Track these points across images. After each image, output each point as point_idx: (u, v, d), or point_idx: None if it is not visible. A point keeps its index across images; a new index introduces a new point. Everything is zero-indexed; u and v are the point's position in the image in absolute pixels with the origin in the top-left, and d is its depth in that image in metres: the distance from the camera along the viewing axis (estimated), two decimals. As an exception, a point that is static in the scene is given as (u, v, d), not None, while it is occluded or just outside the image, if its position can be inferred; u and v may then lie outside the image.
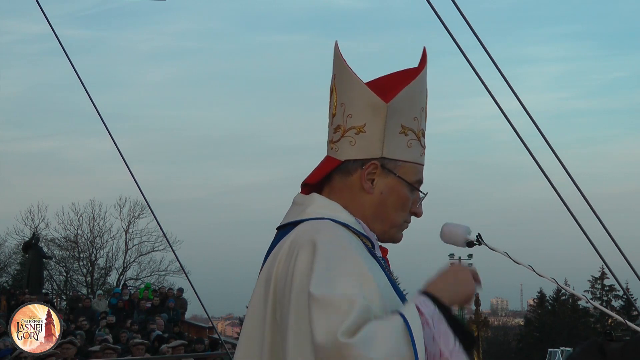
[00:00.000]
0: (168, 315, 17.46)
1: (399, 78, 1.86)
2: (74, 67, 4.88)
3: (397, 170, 1.82)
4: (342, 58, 1.85)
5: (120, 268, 33.29)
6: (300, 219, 1.78)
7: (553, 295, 48.00)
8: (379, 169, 1.81)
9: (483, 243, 1.94)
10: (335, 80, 1.87)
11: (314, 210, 1.79)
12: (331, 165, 1.84)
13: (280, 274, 1.70)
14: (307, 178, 1.88)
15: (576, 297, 2.20)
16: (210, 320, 6.49)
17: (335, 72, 1.88)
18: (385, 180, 1.81)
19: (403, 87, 1.82)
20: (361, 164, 1.81)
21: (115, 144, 4.85)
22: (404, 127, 1.83)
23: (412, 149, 1.85)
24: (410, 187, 1.84)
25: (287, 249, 1.71)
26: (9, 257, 32.62)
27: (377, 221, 1.82)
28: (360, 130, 1.81)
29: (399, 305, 1.68)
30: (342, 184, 1.83)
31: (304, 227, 1.74)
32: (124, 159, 4.83)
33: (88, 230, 33.06)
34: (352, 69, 1.86)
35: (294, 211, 1.83)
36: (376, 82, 1.85)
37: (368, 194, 1.81)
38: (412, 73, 1.87)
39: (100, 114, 4.88)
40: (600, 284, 46.77)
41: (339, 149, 1.84)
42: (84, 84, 4.87)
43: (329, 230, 1.71)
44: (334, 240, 1.67)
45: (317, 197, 1.82)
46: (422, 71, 1.86)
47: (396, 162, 1.82)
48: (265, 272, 1.76)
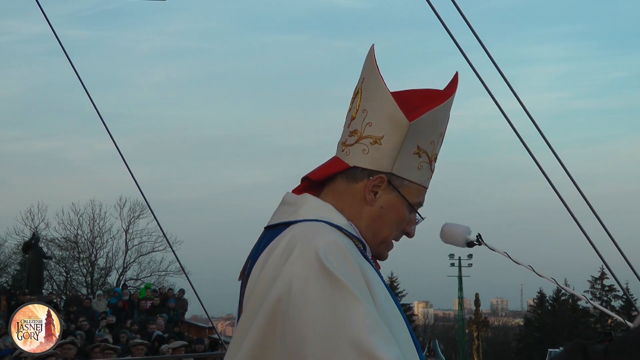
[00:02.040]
0: (168, 316, 17.47)
1: (425, 97, 1.84)
2: (74, 67, 4.89)
3: (402, 189, 1.81)
4: (376, 64, 1.82)
5: (120, 268, 33.35)
6: (293, 219, 1.75)
7: (553, 295, 47.99)
8: (384, 183, 1.79)
9: (483, 243, 1.95)
10: (363, 84, 1.85)
11: (307, 211, 1.76)
12: (339, 167, 1.82)
13: (268, 275, 1.66)
14: (310, 173, 1.85)
15: (576, 297, 2.20)
16: (210, 320, 6.49)
17: (365, 75, 1.85)
18: (388, 195, 1.80)
19: (429, 108, 1.80)
20: (368, 175, 1.79)
21: (115, 144, 4.85)
22: (420, 148, 1.82)
23: (422, 171, 1.84)
24: (410, 208, 1.84)
25: (282, 251, 1.67)
26: (9, 257, 32.68)
27: (370, 234, 1.81)
28: (376, 141, 1.79)
29: (398, 317, 1.69)
30: (345, 188, 1.81)
31: (300, 229, 1.71)
32: (124, 159, 4.83)
33: (88, 230, 33.13)
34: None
35: (285, 211, 1.80)
36: (401, 95, 1.83)
37: (369, 205, 1.79)
38: (440, 96, 1.85)
39: (100, 114, 4.89)
40: (600, 284, 46.75)
41: (350, 153, 1.82)
42: (84, 84, 4.88)
43: (327, 235, 1.67)
44: (335, 251, 1.63)
45: (309, 198, 1.80)
46: (450, 97, 1.85)
47: (403, 180, 1.81)
48: (256, 273, 1.72)
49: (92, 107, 4.89)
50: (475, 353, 35.54)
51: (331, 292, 1.56)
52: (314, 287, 1.56)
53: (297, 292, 1.57)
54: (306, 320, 1.54)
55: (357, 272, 1.62)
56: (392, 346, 1.53)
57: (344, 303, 1.54)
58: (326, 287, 1.56)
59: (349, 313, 1.53)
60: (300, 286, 1.57)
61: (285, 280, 1.60)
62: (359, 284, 1.60)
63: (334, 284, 1.56)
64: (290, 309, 1.57)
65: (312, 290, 1.56)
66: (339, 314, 1.53)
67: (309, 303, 1.55)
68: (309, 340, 1.53)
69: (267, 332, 1.60)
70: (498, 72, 3.65)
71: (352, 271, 1.61)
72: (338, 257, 1.62)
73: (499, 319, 71.09)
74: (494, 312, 77.97)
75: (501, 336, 54.08)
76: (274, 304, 1.60)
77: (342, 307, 1.54)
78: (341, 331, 1.51)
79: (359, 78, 1.89)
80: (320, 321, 1.53)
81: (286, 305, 1.58)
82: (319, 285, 1.57)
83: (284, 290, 1.59)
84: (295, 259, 1.62)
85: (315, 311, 1.54)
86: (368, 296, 1.60)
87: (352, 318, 1.53)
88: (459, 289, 44.40)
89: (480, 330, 36.61)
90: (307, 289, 1.57)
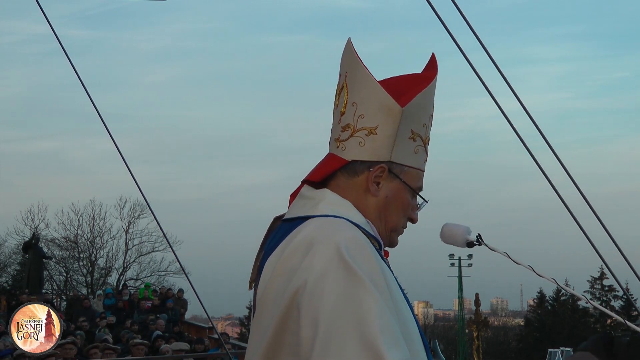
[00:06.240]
0: (168, 316, 17.46)
1: (410, 82, 1.84)
2: (74, 68, 4.88)
3: (402, 176, 1.81)
4: (357, 56, 1.82)
5: (120, 268, 33.35)
6: (312, 214, 1.74)
7: (553, 295, 48.05)
8: (385, 172, 1.79)
9: (483, 243, 1.94)
10: (347, 78, 1.84)
11: (327, 206, 1.75)
12: (337, 163, 1.81)
13: (286, 268, 1.64)
14: (310, 175, 1.84)
15: (576, 297, 2.20)
16: (210, 320, 6.48)
17: (348, 69, 1.84)
18: (390, 184, 1.80)
19: (417, 92, 1.80)
20: (368, 166, 1.79)
21: (115, 144, 4.84)
22: (414, 132, 1.82)
23: (418, 155, 1.84)
24: (412, 193, 1.84)
25: (301, 244, 1.65)
26: (9, 257, 32.68)
27: (382, 224, 1.81)
28: (371, 131, 1.79)
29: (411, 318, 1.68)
30: (347, 184, 1.80)
31: (320, 223, 1.69)
32: (124, 159, 4.83)
33: (88, 230, 33.13)
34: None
35: (303, 205, 1.79)
36: (387, 83, 1.82)
37: (373, 196, 1.79)
38: (424, 78, 1.85)
39: (100, 114, 4.88)
40: (600, 284, 46.78)
41: (346, 148, 1.81)
42: (84, 85, 4.87)
43: (348, 230, 1.66)
44: (357, 247, 1.62)
45: (329, 194, 1.78)
46: (435, 77, 1.85)
47: (402, 167, 1.81)
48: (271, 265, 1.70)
49: (93, 107, 4.88)
50: (475, 353, 35.52)
51: (349, 286, 1.55)
52: (332, 280, 1.56)
53: (315, 283, 1.56)
54: (321, 309, 1.54)
55: (377, 270, 1.62)
56: (401, 349, 1.52)
57: (360, 298, 1.54)
58: (344, 281, 1.55)
59: (363, 309, 1.53)
60: (319, 278, 1.56)
61: (304, 273, 1.58)
62: (378, 282, 1.59)
63: (353, 278, 1.56)
64: (306, 297, 1.56)
65: (330, 282, 1.56)
66: (354, 308, 1.53)
67: (325, 293, 1.55)
68: (320, 324, 1.52)
69: (283, 322, 1.60)
70: (498, 72, 3.65)
71: (372, 268, 1.61)
72: (359, 252, 1.61)
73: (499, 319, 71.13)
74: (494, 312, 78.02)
75: (501, 336, 54.08)
76: (292, 296, 1.59)
77: (357, 302, 1.54)
78: (353, 325, 1.51)
79: (339, 73, 1.88)
80: (334, 311, 1.53)
81: (302, 296, 1.57)
82: (337, 278, 1.56)
83: (302, 283, 1.58)
84: (315, 253, 1.60)
85: (331, 301, 1.54)
86: (386, 295, 1.60)
87: (365, 314, 1.52)
88: (459, 289, 44.43)
89: (480, 330, 36.59)
90: (326, 280, 1.56)
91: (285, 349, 1.61)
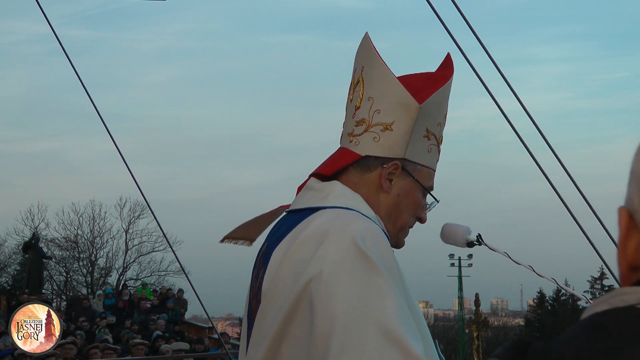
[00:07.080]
0: (168, 316, 17.46)
1: (426, 80, 1.82)
2: (74, 68, 4.88)
3: (415, 174, 1.79)
4: (376, 51, 1.79)
5: (120, 268, 33.28)
6: (323, 205, 1.70)
7: (553, 295, 48.02)
8: (399, 169, 1.77)
9: (483, 243, 1.94)
10: (364, 72, 1.81)
11: (337, 198, 1.71)
12: (350, 158, 1.78)
13: (296, 259, 1.60)
14: (320, 168, 1.81)
15: (576, 297, 2.20)
16: (210, 320, 6.48)
17: (365, 64, 1.81)
18: (403, 182, 1.78)
19: (434, 90, 1.78)
20: (382, 162, 1.76)
21: (115, 144, 4.84)
22: (429, 131, 1.80)
23: (432, 154, 1.82)
24: (423, 192, 1.82)
25: (313, 234, 1.60)
26: (9, 257, 32.62)
27: (390, 222, 1.78)
28: (387, 127, 1.76)
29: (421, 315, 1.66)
30: (359, 179, 1.77)
31: (332, 214, 1.65)
32: (124, 159, 4.83)
33: (88, 230, 33.07)
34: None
35: (312, 196, 1.75)
36: (402, 80, 1.79)
37: (385, 193, 1.76)
38: (440, 77, 1.83)
39: (100, 114, 4.88)
40: (599, 284, 46.77)
41: (359, 143, 1.78)
42: (84, 85, 4.87)
43: (362, 222, 1.62)
44: (372, 237, 1.58)
45: (339, 186, 1.75)
46: (451, 77, 1.83)
47: (415, 165, 1.79)
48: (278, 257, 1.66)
49: (93, 107, 4.88)
50: (475, 353, 35.50)
51: (366, 276, 1.50)
52: (348, 269, 1.51)
53: (330, 273, 1.51)
54: (337, 298, 1.49)
55: (393, 261, 1.59)
56: (420, 342, 1.49)
57: (379, 288, 1.49)
58: (362, 270, 1.51)
59: (383, 298, 1.49)
60: (335, 268, 1.52)
61: (319, 263, 1.54)
62: (395, 274, 1.56)
63: (371, 267, 1.51)
64: (322, 287, 1.51)
65: (346, 271, 1.51)
66: (373, 298, 1.48)
67: (342, 283, 1.50)
68: (338, 316, 1.47)
69: (292, 313, 1.56)
70: (498, 72, 3.65)
71: (388, 260, 1.57)
72: (375, 243, 1.57)
73: (499, 319, 71.07)
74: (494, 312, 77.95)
75: (501, 336, 54.02)
76: (304, 286, 1.54)
77: (376, 292, 1.49)
78: (374, 315, 1.46)
79: (354, 67, 1.85)
80: (351, 301, 1.48)
81: (317, 285, 1.52)
82: (354, 267, 1.51)
83: (317, 273, 1.53)
84: (331, 243, 1.56)
85: (348, 291, 1.49)
86: (402, 287, 1.56)
87: (384, 305, 1.48)
88: (459, 289, 44.39)
89: (480, 330, 36.57)
90: (342, 270, 1.51)
91: (288, 339, 1.57)
